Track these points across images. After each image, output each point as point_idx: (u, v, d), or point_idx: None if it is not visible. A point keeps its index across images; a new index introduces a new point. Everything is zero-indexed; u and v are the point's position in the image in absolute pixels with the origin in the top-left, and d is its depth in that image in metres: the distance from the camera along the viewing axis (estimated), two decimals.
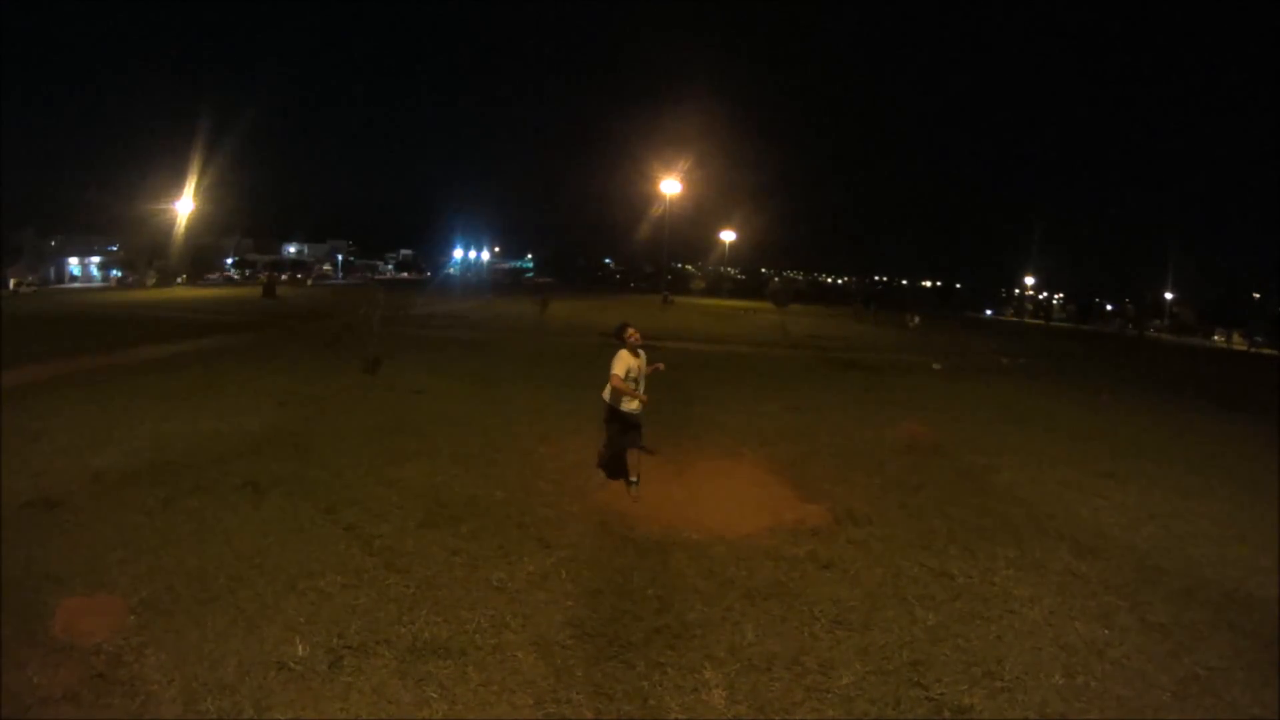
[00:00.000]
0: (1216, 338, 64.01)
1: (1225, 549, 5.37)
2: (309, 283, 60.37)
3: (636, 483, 5.84)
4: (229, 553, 4.33)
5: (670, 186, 50.36)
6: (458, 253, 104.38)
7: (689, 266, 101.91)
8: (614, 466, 6.04)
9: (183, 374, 10.60)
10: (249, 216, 65.67)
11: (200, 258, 55.99)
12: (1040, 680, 3.40)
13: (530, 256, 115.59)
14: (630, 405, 5.78)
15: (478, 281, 75.07)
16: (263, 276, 48.15)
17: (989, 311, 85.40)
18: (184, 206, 48.08)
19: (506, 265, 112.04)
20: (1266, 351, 49.02)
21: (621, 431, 5.85)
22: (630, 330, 5.78)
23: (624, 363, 5.68)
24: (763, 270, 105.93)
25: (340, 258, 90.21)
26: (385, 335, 13.23)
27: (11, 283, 40.86)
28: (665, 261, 63.57)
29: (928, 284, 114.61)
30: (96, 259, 53.88)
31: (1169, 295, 70.58)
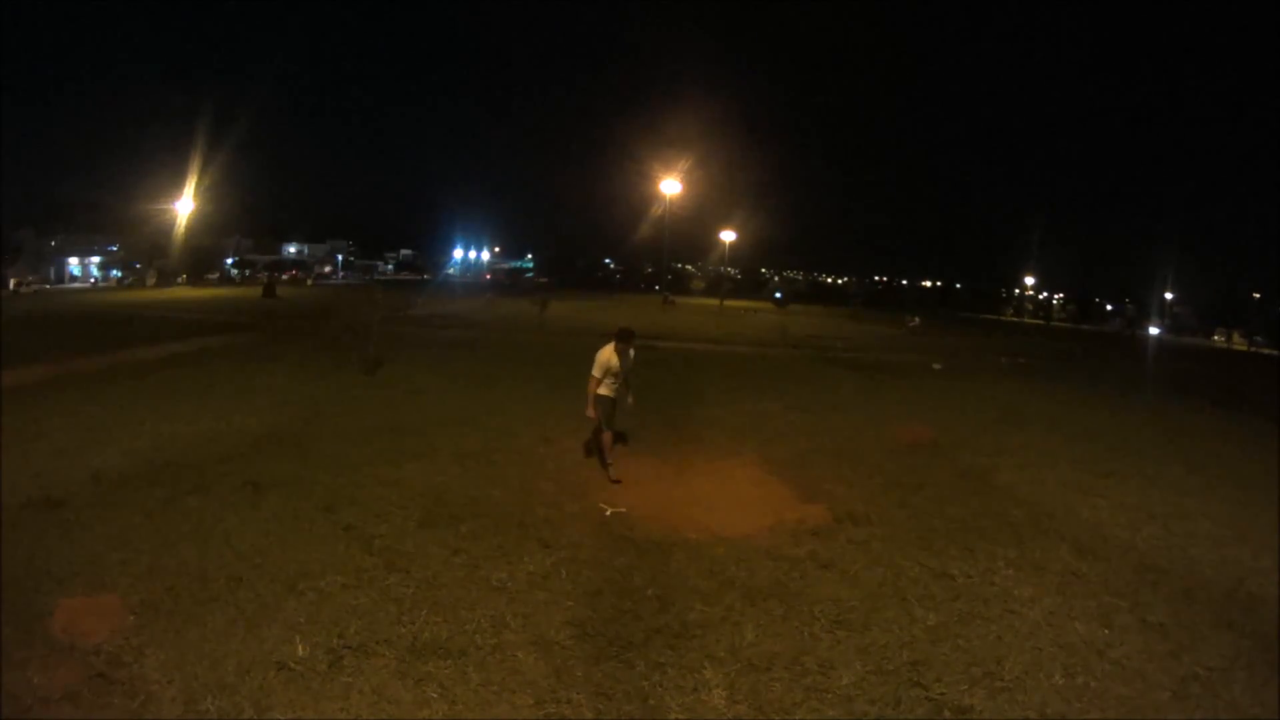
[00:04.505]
0: (1216, 338, 64.05)
1: (1225, 549, 5.37)
2: (309, 283, 60.42)
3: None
4: (229, 553, 4.33)
5: (670, 186, 50.30)
6: (458, 253, 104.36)
7: (689, 266, 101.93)
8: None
9: (183, 374, 10.60)
10: (249, 216, 65.67)
11: (200, 258, 55.97)
12: (1040, 680, 3.39)
13: (530, 256, 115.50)
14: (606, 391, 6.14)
15: (478, 282, 74.81)
16: (263, 277, 48.19)
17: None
18: (184, 206, 48.06)
19: (506, 265, 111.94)
20: (1266, 351, 49.04)
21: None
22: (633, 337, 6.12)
23: (601, 364, 5.98)
24: (763, 270, 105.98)
25: (340, 258, 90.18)
26: (385, 335, 13.23)
27: (12, 283, 40.88)
28: (666, 262, 63.61)
29: (927, 284, 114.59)
30: (96, 259, 53.89)
31: (1169, 295, 70.59)
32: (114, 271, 52.96)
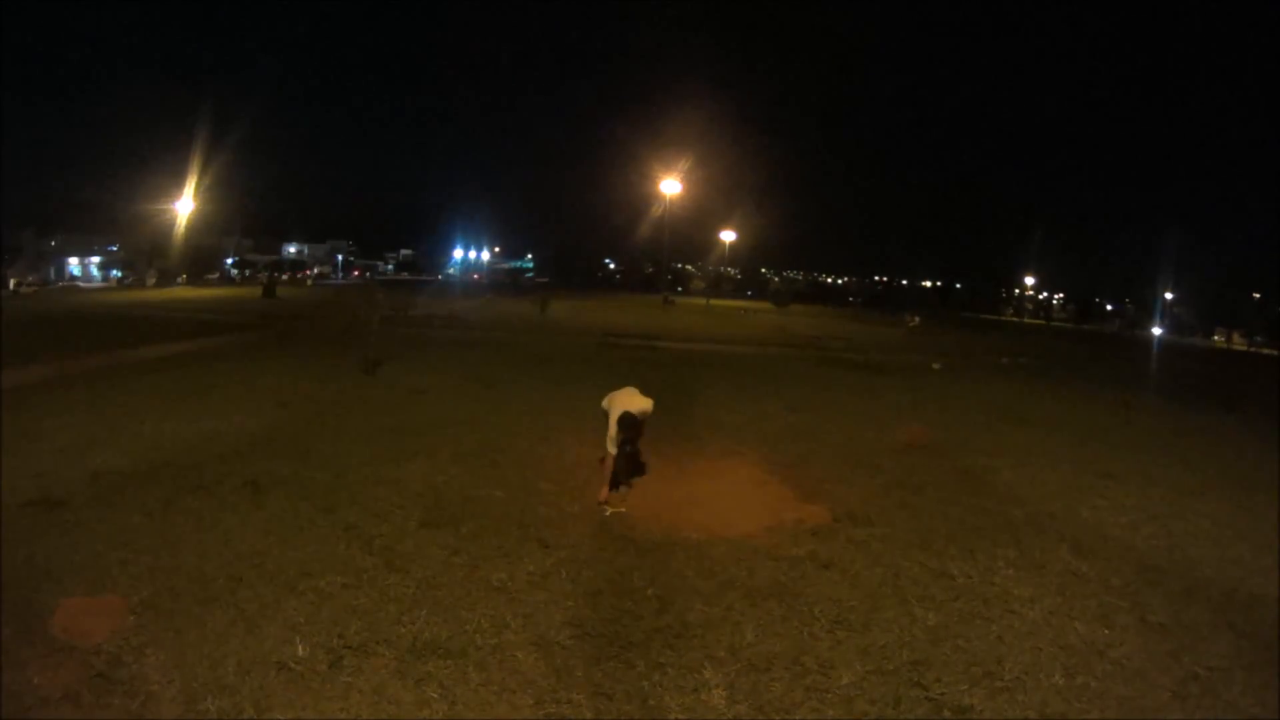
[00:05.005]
0: (1216, 338, 64.11)
1: (1225, 549, 5.37)
2: (309, 283, 60.48)
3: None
4: (229, 553, 4.33)
5: (670, 187, 50.39)
6: (458, 253, 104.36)
7: (689, 266, 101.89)
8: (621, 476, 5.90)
9: (183, 374, 10.60)
10: (249, 216, 65.70)
11: (200, 258, 55.98)
12: (1040, 680, 3.39)
13: (530, 256, 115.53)
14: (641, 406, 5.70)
15: (467, 282, 74.18)
16: (262, 277, 48.23)
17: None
18: (184, 206, 48.05)
19: (506, 265, 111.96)
20: (1266, 351, 49.09)
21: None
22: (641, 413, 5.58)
23: (611, 437, 5.49)
24: (763, 270, 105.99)
25: (340, 258, 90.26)
26: (385, 335, 13.24)
27: (11, 283, 40.93)
28: (665, 262, 63.66)
29: (927, 284, 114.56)
30: (96, 259, 53.93)
31: (1169, 295, 70.54)
32: (114, 271, 53.00)
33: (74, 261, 52.77)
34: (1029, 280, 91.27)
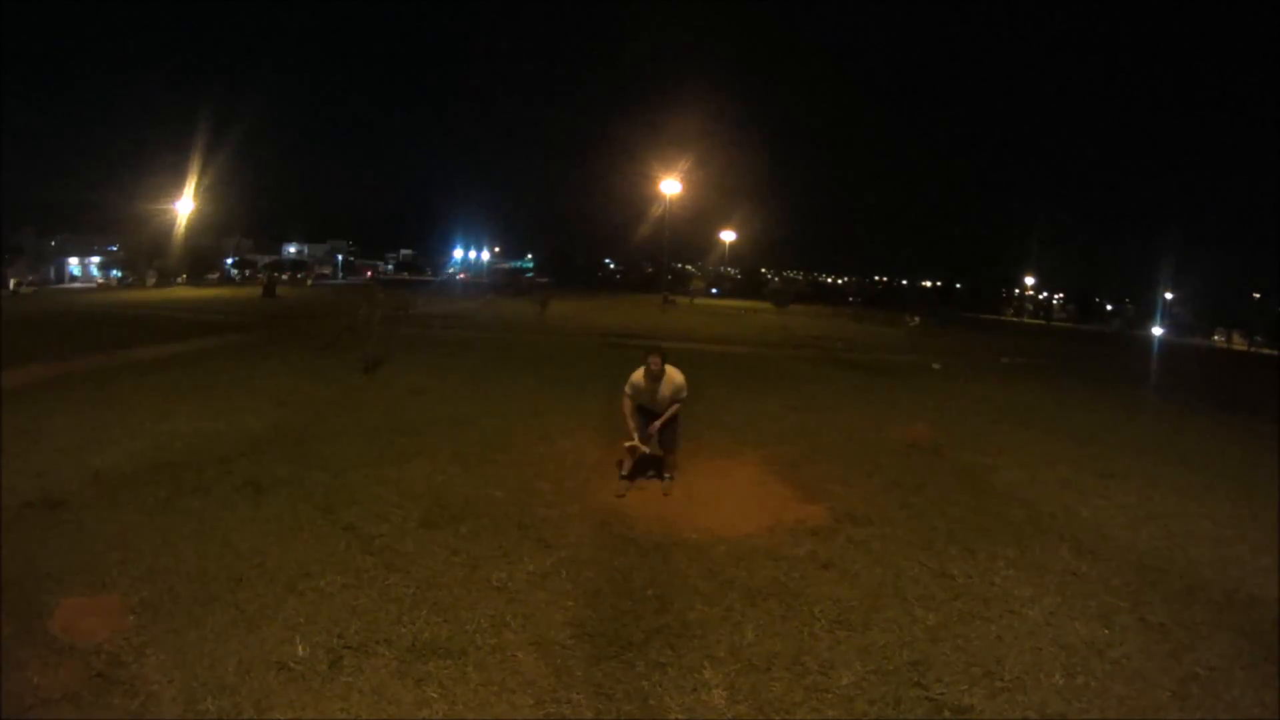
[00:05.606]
0: (1216, 338, 64.14)
1: (1225, 549, 5.37)
2: (309, 283, 60.47)
3: (670, 479, 6.06)
4: (229, 553, 4.33)
5: (670, 186, 50.43)
6: (458, 253, 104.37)
7: (689, 266, 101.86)
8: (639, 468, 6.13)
9: (183, 374, 10.60)
10: (249, 216, 65.56)
11: (200, 258, 55.90)
12: (1040, 680, 3.40)
13: (530, 256, 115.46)
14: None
15: (464, 282, 73.80)
16: (262, 277, 48.23)
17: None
18: (184, 206, 48.01)
19: (506, 265, 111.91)
20: (1266, 351, 49.10)
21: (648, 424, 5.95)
22: (652, 358, 5.90)
23: (632, 383, 5.76)
24: (763, 270, 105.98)
25: (340, 258, 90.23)
26: (385, 335, 13.24)
27: (11, 283, 40.91)
28: (666, 262, 63.61)
29: (928, 284, 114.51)
30: (96, 259, 53.91)
31: (1169, 295, 70.47)
32: (114, 271, 52.96)
33: (74, 261, 52.75)
34: (1029, 280, 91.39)
